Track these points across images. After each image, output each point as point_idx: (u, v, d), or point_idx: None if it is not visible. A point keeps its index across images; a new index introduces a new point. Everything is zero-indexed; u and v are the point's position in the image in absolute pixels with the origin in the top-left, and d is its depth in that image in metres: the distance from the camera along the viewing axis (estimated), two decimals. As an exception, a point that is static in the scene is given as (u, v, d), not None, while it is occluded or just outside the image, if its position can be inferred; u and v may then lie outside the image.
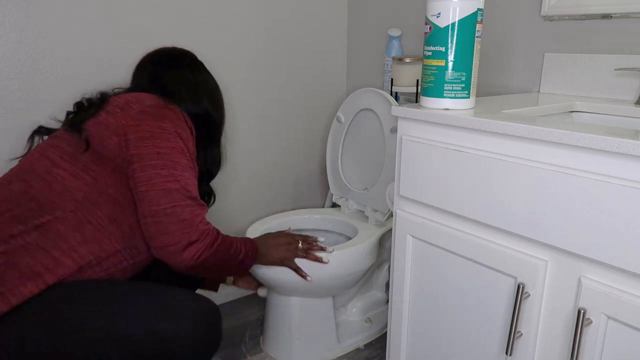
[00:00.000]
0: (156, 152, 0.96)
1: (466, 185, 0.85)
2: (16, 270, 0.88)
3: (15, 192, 0.95)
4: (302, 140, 1.82)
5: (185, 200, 0.96)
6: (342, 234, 1.56)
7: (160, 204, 0.94)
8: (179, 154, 0.98)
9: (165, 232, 0.94)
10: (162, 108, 1.02)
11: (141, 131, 0.97)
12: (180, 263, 0.96)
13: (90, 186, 0.97)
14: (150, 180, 0.95)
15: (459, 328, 0.94)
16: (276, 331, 1.43)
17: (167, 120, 1.00)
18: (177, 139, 0.99)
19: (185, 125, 1.03)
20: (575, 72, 1.16)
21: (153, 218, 0.95)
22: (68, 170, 0.97)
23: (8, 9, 1.18)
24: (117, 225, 0.98)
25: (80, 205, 0.95)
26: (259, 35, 1.61)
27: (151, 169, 0.95)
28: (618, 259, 0.68)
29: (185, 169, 0.99)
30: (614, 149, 0.66)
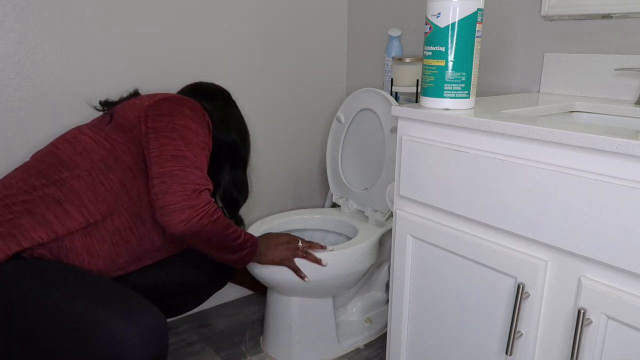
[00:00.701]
0: (171, 127, 1.04)
1: (466, 185, 0.85)
2: (31, 218, 0.98)
3: (45, 152, 1.08)
4: (302, 140, 1.82)
5: (191, 168, 1.01)
6: (342, 234, 1.56)
7: (168, 166, 0.99)
8: (192, 133, 1.05)
9: (168, 191, 0.97)
10: (184, 98, 1.11)
11: (160, 109, 1.06)
12: (178, 224, 0.96)
13: (108, 152, 1.06)
14: (162, 147, 1.02)
15: (459, 328, 0.94)
16: (276, 331, 1.43)
17: (186, 107, 1.09)
18: (192, 122, 1.07)
19: (202, 116, 1.11)
20: (575, 72, 1.16)
21: (159, 179, 0.99)
22: (91, 137, 1.08)
23: (8, 9, 1.18)
24: (127, 191, 1.05)
25: (95, 166, 1.04)
26: (259, 35, 1.61)
27: (164, 138, 1.03)
28: (618, 259, 0.68)
29: (196, 146, 1.04)
30: (614, 149, 0.66)
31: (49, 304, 0.88)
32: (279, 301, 1.39)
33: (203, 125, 1.10)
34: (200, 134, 1.07)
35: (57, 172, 1.03)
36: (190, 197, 0.98)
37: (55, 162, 1.05)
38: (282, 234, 1.26)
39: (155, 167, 1.00)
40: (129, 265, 1.09)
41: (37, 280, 0.91)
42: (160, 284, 1.20)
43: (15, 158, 1.26)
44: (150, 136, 1.04)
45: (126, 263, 1.08)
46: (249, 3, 1.56)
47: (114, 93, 1.37)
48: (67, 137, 1.09)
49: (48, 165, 1.04)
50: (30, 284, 0.91)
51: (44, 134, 1.29)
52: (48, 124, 1.29)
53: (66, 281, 0.93)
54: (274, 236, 1.25)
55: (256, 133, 1.69)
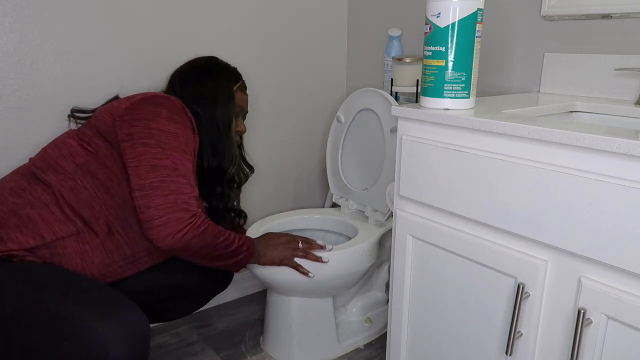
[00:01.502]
0: (148, 132, 1.01)
1: (466, 185, 0.85)
2: (17, 219, 0.98)
3: (37, 156, 1.09)
4: (302, 140, 1.82)
5: (172, 176, 0.99)
6: (342, 234, 1.56)
7: (148, 177, 0.97)
8: (170, 136, 1.02)
9: (150, 205, 0.96)
10: (161, 97, 1.07)
11: (135, 113, 1.03)
12: (164, 239, 0.96)
13: (92, 156, 1.05)
14: (140, 156, 0.99)
15: (459, 328, 0.94)
16: (276, 331, 1.43)
17: (163, 107, 1.05)
18: (170, 123, 1.03)
19: (183, 113, 1.07)
20: (575, 72, 1.16)
21: (141, 192, 0.97)
22: (77, 141, 1.07)
23: (8, 9, 1.18)
24: (111, 196, 1.04)
25: (78, 170, 1.04)
26: (259, 35, 1.61)
27: (141, 146, 1.00)
28: (618, 259, 0.68)
29: (176, 150, 1.02)
30: (614, 149, 0.66)
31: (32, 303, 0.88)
32: (279, 301, 1.39)
33: (184, 123, 1.06)
34: (180, 135, 1.04)
35: (43, 175, 1.03)
36: (174, 209, 0.96)
37: (44, 165, 1.05)
38: (281, 234, 1.25)
39: (135, 179, 0.98)
40: (124, 271, 1.09)
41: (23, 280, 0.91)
42: (159, 288, 1.20)
43: (16, 158, 1.26)
44: (126, 144, 1.01)
45: (121, 269, 1.08)
46: (248, 3, 1.56)
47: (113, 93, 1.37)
48: (56, 141, 1.10)
49: (37, 169, 1.05)
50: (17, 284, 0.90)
51: (43, 134, 1.29)
52: (48, 124, 1.29)
53: (51, 281, 0.92)
54: (273, 236, 1.24)
55: (256, 133, 1.69)
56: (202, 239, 1.01)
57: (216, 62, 1.27)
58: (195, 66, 1.24)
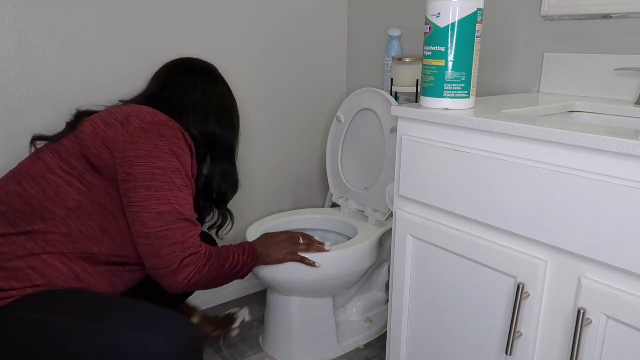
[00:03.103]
0: (151, 173, 0.95)
1: (466, 185, 0.85)
2: (2, 272, 0.89)
3: (10, 193, 0.95)
4: (302, 140, 1.82)
5: (177, 223, 0.95)
6: (342, 234, 1.56)
7: (153, 227, 0.94)
8: (173, 173, 0.97)
9: (157, 255, 0.94)
10: (161, 125, 0.99)
11: (137, 149, 0.95)
12: (171, 286, 0.97)
13: (84, 196, 0.96)
14: (144, 202, 0.94)
15: (459, 328, 0.94)
16: (276, 331, 1.43)
17: (164, 138, 0.98)
18: (172, 157, 0.97)
19: (183, 142, 1.01)
20: (575, 72, 1.16)
21: (145, 240, 0.95)
22: (63, 177, 0.96)
23: (8, 9, 1.18)
24: (109, 236, 0.98)
25: (71, 214, 0.95)
26: (259, 36, 1.61)
27: (145, 190, 0.94)
28: (618, 259, 0.68)
29: (180, 189, 0.97)
30: (614, 149, 0.66)
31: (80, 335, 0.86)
32: (279, 301, 1.39)
33: (185, 154, 1.00)
34: (181, 169, 0.98)
35: (28, 221, 0.92)
36: (180, 258, 0.95)
37: (25, 209, 0.93)
38: (280, 233, 1.26)
39: (139, 226, 0.94)
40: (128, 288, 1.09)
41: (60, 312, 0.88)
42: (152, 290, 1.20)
43: (15, 158, 1.26)
44: (129, 185, 0.94)
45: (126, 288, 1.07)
46: (249, 3, 1.56)
47: (113, 93, 1.37)
48: (34, 175, 0.97)
49: (16, 212, 0.93)
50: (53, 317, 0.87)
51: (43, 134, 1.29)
52: (48, 124, 1.29)
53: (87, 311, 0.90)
54: (273, 235, 1.25)
55: (256, 133, 1.69)
56: (209, 276, 1.00)
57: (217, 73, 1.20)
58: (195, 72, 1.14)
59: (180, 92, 1.10)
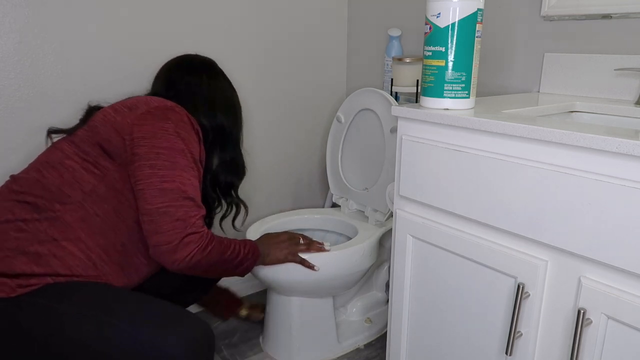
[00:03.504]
0: (155, 152, 0.97)
1: (466, 185, 0.85)
2: (25, 257, 0.92)
3: (30, 180, 1.00)
4: (302, 140, 1.82)
5: (180, 201, 0.97)
6: (342, 234, 1.56)
7: (155, 202, 0.95)
8: (178, 154, 0.99)
9: (158, 231, 0.95)
10: (167, 110, 1.03)
11: (143, 131, 0.99)
12: (172, 263, 0.96)
13: (99, 180, 0.99)
14: (148, 179, 0.96)
15: (459, 328, 0.94)
16: (276, 331, 1.43)
17: (170, 121, 1.01)
18: (177, 139, 1.00)
19: (189, 127, 1.04)
20: (575, 72, 1.16)
21: (148, 216, 0.96)
22: (79, 163, 1.00)
23: (8, 9, 1.18)
24: (123, 219, 1.01)
25: (87, 198, 0.98)
26: (259, 36, 1.61)
27: (148, 168, 0.97)
28: (618, 259, 0.68)
29: (184, 169, 0.99)
30: (614, 149, 0.66)
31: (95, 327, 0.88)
32: (279, 301, 1.39)
33: (191, 138, 1.03)
34: (187, 152, 1.01)
35: (48, 206, 0.96)
36: (182, 235, 0.95)
37: (45, 193, 0.97)
38: (281, 233, 1.26)
39: (142, 203, 0.96)
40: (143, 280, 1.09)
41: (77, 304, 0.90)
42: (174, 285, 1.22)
43: (16, 158, 1.26)
44: (135, 164, 0.97)
45: (140, 279, 1.08)
46: (249, 3, 1.56)
47: (113, 93, 1.37)
48: (52, 162, 1.01)
49: (37, 197, 0.97)
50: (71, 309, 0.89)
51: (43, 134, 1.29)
52: (48, 124, 1.29)
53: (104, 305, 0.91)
54: (274, 236, 1.25)
55: (256, 133, 1.69)
56: (210, 259, 1.00)
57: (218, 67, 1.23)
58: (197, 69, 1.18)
59: (186, 89, 1.13)
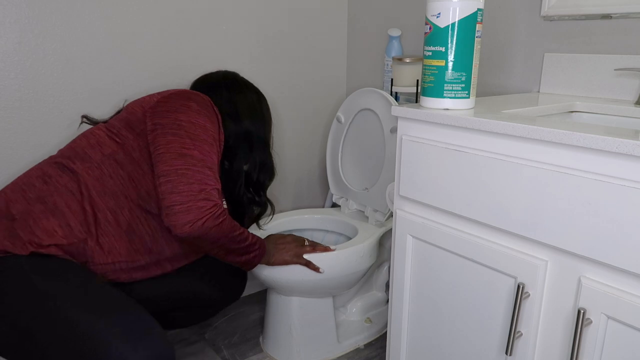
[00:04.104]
0: (177, 123, 1.03)
1: (466, 185, 0.85)
2: (43, 205, 0.99)
3: (66, 147, 1.11)
4: (302, 140, 1.82)
5: (198, 167, 1.00)
6: (342, 234, 1.56)
7: (174, 164, 0.98)
8: (199, 129, 1.04)
9: (174, 191, 0.96)
10: (193, 93, 1.10)
11: (167, 105, 1.06)
12: (183, 225, 0.95)
13: (119, 147, 1.06)
14: (168, 144, 1.00)
15: (458, 328, 0.94)
16: (276, 331, 1.43)
17: (193, 101, 1.07)
18: (199, 116, 1.05)
19: (211, 109, 1.09)
20: (575, 72, 1.16)
21: (165, 177, 0.98)
22: (105, 132, 1.09)
23: (8, 9, 1.18)
24: (135, 186, 1.04)
25: (105, 160, 1.05)
26: (259, 36, 1.61)
27: (170, 135, 1.01)
28: (618, 259, 0.68)
29: (204, 142, 1.03)
30: (614, 149, 0.66)
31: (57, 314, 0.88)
32: (279, 301, 1.39)
33: (212, 119, 1.08)
34: (209, 129, 1.05)
35: (70, 163, 1.05)
36: (197, 198, 0.97)
37: (71, 154, 1.07)
38: (286, 235, 1.26)
39: (161, 165, 0.99)
40: (149, 267, 1.09)
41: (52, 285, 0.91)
42: (169, 297, 1.20)
43: (16, 158, 1.26)
44: (156, 132, 1.03)
45: (147, 264, 1.08)
46: (248, 3, 1.56)
47: (113, 93, 1.37)
48: (85, 132, 1.12)
49: (64, 158, 1.07)
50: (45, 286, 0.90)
51: (43, 134, 1.29)
52: (48, 124, 1.29)
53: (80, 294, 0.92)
54: (279, 237, 1.25)
55: (256, 133, 1.69)
56: (220, 230, 1.01)
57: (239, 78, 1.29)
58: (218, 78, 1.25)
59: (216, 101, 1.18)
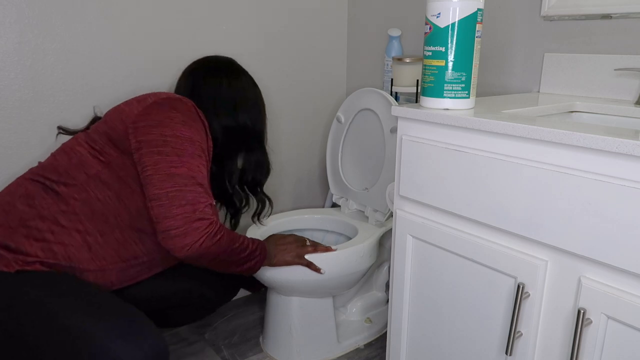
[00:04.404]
0: (162, 140, 0.98)
1: (466, 185, 0.85)
2: (26, 230, 0.96)
3: (46, 163, 1.06)
4: (302, 140, 1.82)
5: (189, 186, 0.97)
6: (342, 234, 1.56)
7: (164, 187, 0.96)
8: (185, 142, 1.00)
9: (167, 215, 0.95)
10: (174, 100, 1.04)
11: (149, 119, 1.00)
12: (181, 249, 0.95)
13: (104, 166, 1.02)
14: (156, 165, 0.97)
15: (458, 328, 0.94)
16: (276, 331, 1.43)
17: (177, 110, 1.02)
18: (184, 127, 1.01)
19: (196, 117, 1.05)
20: (575, 72, 1.16)
21: (157, 201, 0.96)
22: (87, 149, 1.04)
23: (8, 9, 1.18)
24: (125, 206, 1.02)
25: (91, 181, 1.01)
26: (259, 36, 1.61)
27: (156, 154, 0.97)
28: (618, 259, 0.68)
29: (192, 156, 1.00)
30: (613, 149, 0.66)
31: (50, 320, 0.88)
32: (279, 301, 1.39)
33: (198, 128, 1.04)
34: (195, 141, 1.02)
35: (55, 185, 1.01)
36: (192, 219, 0.95)
37: (54, 175, 1.02)
38: (287, 235, 1.26)
39: (151, 188, 0.96)
40: (140, 275, 1.09)
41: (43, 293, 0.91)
42: (164, 296, 1.20)
43: (16, 158, 1.26)
44: (142, 151, 0.99)
45: (137, 273, 1.08)
46: (248, 3, 1.56)
47: (114, 93, 1.37)
48: (65, 148, 1.07)
49: (47, 179, 1.02)
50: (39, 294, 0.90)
51: (43, 134, 1.29)
52: (48, 124, 1.29)
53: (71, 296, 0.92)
54: (281, 237, 1.25)
55: (256, 133, 1.69)
56: (219, 247, 1.00)
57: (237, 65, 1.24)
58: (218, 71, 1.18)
59: (206, 93, 1.14)
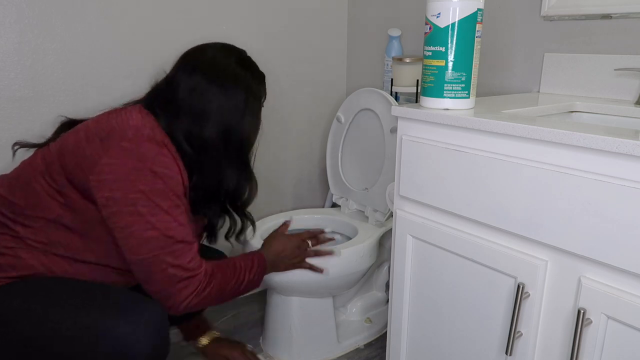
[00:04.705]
0: (132, 198, 0.89)
1: (466, 185, 0.85)
2: None
3: (1, 197, 0.98)
4: (302, 140, 1.82)
5: (166, 248, 0.91)
6: (342, 234, 1.56)
7: (140, 253, 0.91)
8: (157, 196, 0.91)
9: (149, 281, 0.93)
10: (142, 142, 0.91)
11: (114, 172, 0.90)
12: (169, 309, 0.95)
13: (64, 209, 0.94)
14: (129, 228, 0.90)
15: (458, 328, 0.94)
16: (276, 331, 1.43)
17: (144, 158, 0.91)
18: (154, 179, 0.90)
19: (168, 158, 0.93)
20: (575, 72, 1.16)
21: (137, 266, 0.93)
22: (44, 188, 0.95)
23: (8, 9, 1.18)
24: (90, 247, 0.97)
25: (51, 225, 0.94)
26: (259, 36, 1.61)
27: (128, 215, 0.89)
28: (618, 259, 0.68)
29: (166, 211, 0.91)
30: (613, 149, 0.66)
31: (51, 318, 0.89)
32: (279, 301, 1.39)
33: (169, 168, 0.93)
34: (168, 190, 0.92)
35: (12, 224, 0.95)
36: (173, 282, 0.92)
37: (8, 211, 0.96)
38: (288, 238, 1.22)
39: (128, 253, 0.92)
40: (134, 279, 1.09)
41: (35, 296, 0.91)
42: None
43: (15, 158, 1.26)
44: (111, 209, 0.90)
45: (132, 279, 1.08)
46: (248, 3, 1.56)
47: (113, 93, 1.37)
48: (21, 181, 0.97)
49: (2, 215, 0.96)
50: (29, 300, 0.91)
51: (43, 135, 1.29)
52: (48, 124, 1.29)
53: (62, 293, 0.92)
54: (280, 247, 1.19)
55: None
56: (210, 299, 0.98)
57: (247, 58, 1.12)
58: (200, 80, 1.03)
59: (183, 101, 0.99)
